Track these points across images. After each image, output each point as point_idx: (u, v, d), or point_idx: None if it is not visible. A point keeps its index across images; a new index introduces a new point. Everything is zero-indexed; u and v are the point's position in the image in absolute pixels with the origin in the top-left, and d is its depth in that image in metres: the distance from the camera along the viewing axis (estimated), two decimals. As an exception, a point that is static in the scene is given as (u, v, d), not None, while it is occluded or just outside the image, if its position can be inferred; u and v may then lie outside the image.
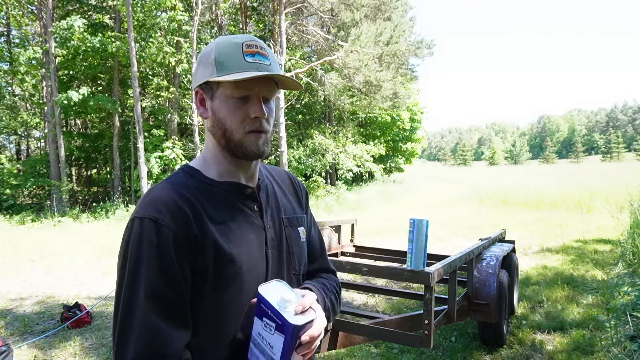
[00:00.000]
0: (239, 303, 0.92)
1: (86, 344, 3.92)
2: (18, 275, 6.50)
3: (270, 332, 0.85)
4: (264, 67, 0.92)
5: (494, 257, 3.43)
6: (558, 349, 3.59)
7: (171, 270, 0.86)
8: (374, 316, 3.44)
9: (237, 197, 0.98)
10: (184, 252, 0.87)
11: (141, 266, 0.85)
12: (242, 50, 0.91)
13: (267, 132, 0.96)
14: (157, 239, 0.85)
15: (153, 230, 0.86)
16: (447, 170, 67.71)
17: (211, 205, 0.94)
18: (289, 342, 0.83)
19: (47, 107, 15.56)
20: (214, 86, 0.94)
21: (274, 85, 0.96)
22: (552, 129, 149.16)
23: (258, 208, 1.00)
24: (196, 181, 0.97)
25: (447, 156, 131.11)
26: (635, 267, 5.63)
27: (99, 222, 13.17)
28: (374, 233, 9.37)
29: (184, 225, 0.87)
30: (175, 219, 0.87)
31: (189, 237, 0.88)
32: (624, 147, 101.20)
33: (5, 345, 3.33)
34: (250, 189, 1.00)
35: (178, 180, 0.96)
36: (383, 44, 15.16)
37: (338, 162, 19.50)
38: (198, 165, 1.01)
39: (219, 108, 0.94)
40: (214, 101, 0.95)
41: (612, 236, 8.24)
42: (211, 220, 0.92)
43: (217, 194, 0.96)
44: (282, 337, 0.83)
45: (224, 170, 0.99)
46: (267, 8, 17.47)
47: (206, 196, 0.94)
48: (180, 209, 0.89)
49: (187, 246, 0.87)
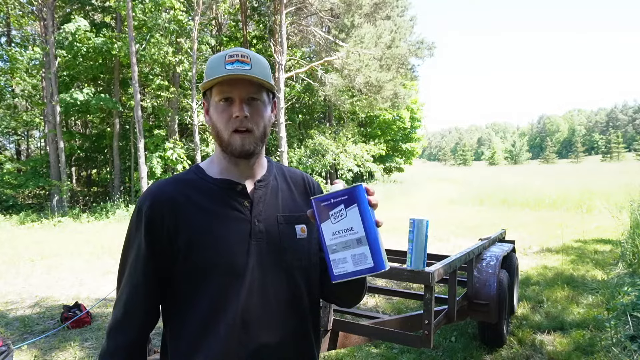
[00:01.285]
0: (212, 281, 1.02)
1: (86, 344, 3.92)
2: (18, 276, 6.51)
3: (342, 217, 0.91)
4: (241, 72, 1.02)
5: (494, 257, 3.43)
6: (558, 349, 3.59)
7: (141, 247, 1.05)
8: (374, 316, 3.44)
9: (228, 193, 1.08)
10: (155, 234, 1.03)
11: (127, 242, 1.10)
12: (224, 60, 1.03)
13: (252, 131, 1.05)
14: (137, 222, 1.06)
15: (138, 215, 1.06)
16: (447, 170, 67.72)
17: (200, 197, 1.06)
18: (365, 205, 0.90)
19: (48, 107, 15.56)
20: (209, 95, 1.09)
21: (257, 87, 1.05)
22: (552, 129, 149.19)
23: (249, 203, 1.08)
24: (195, 177, 1.10)
25: (447, 156, 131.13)
26: (635, 267, 5.63)
27: (99, 222, 13.17)
28: (374, 233, 9.36)
29: (159, 212, 1.03)
30: (154, 206, 1.04)
31: (164, 222, 1.03)
32: (624, 147, 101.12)
33: (5, 345, 3.33)
34: (241, 185, 1.09)
35: (179, 176, 1.13)
36: (384, 45, 15.17)
37: (338, 162, 19.51)
38: (205, 164, 1.15)
39: (212, 113, 1.08)
40: (210, 108, 1.09)
41: (612, 236, 8.24)
42: (196, 209, 1.05)
43: (209, 189, 1.08)
44: (356, 207, 0.90)
45: (224, 168, 1.11)
46: (267, 8, 17.47)
47: (198, 190, 1.08)
48: (163, 199, 1.05)
49: (160, 229, 1.03)
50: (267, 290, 1.05)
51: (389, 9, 16.38)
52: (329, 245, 0.92)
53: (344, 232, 0.90)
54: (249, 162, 1.10)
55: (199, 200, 1.06)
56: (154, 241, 1.04)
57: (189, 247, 1.02)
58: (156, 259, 1.05)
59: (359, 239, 0.89)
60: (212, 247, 1.02)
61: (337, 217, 0.91)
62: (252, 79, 1.03)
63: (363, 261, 0.89)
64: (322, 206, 0.92)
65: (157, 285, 1.07)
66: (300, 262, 1.11)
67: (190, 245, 1.02)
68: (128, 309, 1.06)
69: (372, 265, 0.89)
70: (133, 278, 1.06)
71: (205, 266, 1.02)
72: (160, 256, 1.04)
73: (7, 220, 13.29)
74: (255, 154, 1.08)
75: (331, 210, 0.91)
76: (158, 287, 1.07)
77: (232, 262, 1.03)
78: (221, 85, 1.04)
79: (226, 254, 1.03)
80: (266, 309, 1.04)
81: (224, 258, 1.02)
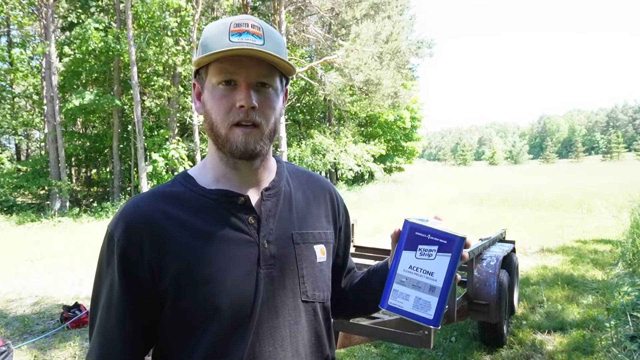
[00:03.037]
0: (209, 328, 0.79)
1: (86, 344, 3.91)
2: (18, 276, 6.50)
3: (430, 257, 0.83)
4: (251, 47, 0.76)
5: (494, 257, 3.43)
6: (558, 349, 3.59)
7: (115, 287, 0.80)
8: (374, 316, 3.44)
9: (226, 207, 0.83)
10: (131, 270, 0.79)
11: (98, 279, 0.84)
12: (228, 30, 0.78)
13: (260, 126, 0.81)
14: (108, 254, 0.81)
15: (109, 244, 0.81)
16: (447, 170, 67.71)
17: (191, 216, 0.81)
18: (455, 260, 0.82)
19: (48, 107, 15.56)
20: (202, 75, 0.83)
21: (269, 70, 0.80)
22: (552, 129, 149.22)
23: (254, 220, 0.84)
24: (183, 189, 0.85)
25: (447, 156, 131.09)
26: (635, 267, 5.63)
27: (99, 222, 13.16)
28: (374, 233, 9.36)
29: (137, 241, 0.79)
30: (129, 233, 0.79)
31: (143, 253, 0.79)
32: (624, 147, 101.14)
33: (5, 345, 3.33)
34: (242, 198, 0.84)
35: (161, 188, 0.86)
36: (383, 41, 15.17)
37: (338, 162, 19.50)
38: (195, 170, 0.89)
39: (207, 99, 0.82)
40: (204, 92, 0.84)
41: (612, 236, 8.23)
42: (186, 232, 0.80)
43: (202, 204, 0.83)
44: (448, 257, 0.82)
45: (220, 174, 0.86)
46: (267, 7, 17.47)
47: (187, 206, 0.82)
48: (140, 222, 0.80)
49: (138, 264, 0.79)
50: (279, 332, 0.83)
51: (389, 9, 16.40)
52: (399, 274, 0.84)
53: (422, 272, 0.83)
54: (252, 166, 0.86)
55: (188, 220, 0.81)
56: (130, 280, 0.79)
57: (179, 287, 0.78)
58: (135, 302, 0.80)
59: (433, 287, 0.82)
60: (210, 285, 0.78)
61: (423, 254, 0.83)
62: (265, 57, 0.78)
63: (425, 309, 0.83)
64: (415, 234, 0.84)
65: (139, 335, 0.82)
66: (322, 294, 0.91)
67: (179, 284, 0.78)
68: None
69: (431, 318, 0.82)
70: (106, 328, 0.81)
71: (201, 311, 0.79)
72: (140, 299, 0.80)
73: (7, 220, 13.29)
74: (261, 155, 0.84)
75: (422, 244, 0.83)
76: (140, 338, 0.82)
77: (237, 302, 0.80)
78: (221, 63, 0.78)
79: (228, 293, 0.79)
80: (279, 355, 0.83)
81: (226, 299, 0.79)
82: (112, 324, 0.80)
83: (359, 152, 20.23)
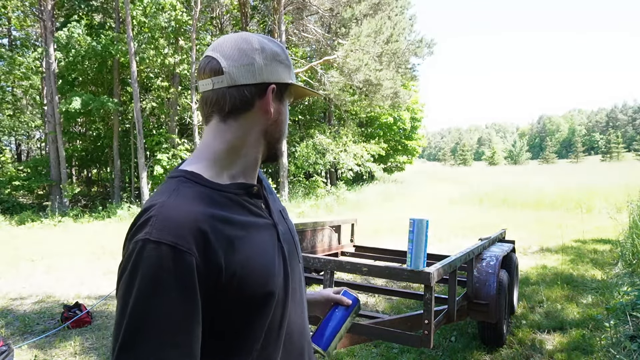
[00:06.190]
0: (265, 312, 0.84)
1: (86, 344, 3.92)
2: (18, 275, 6.51)
3: None
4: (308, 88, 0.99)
5: (494, 257, 3.43)
6: (558, 349, 3.60)
7: (192, 303, 0.74)
8: (374, 316, 3.44)
9: (245, 199, 0.88)
10: (207, 280, 0.76)
11: (156, 298, 0.72)
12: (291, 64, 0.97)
13: None
14: (176, 268, 0.73)
15: (172, 257, 0.73)
16: (447, 170, 67.71)
17: (228, 213, 0.83)
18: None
19: (48, 108, 15.57)
20: (282, 89, 0.92)
21: None
22: (552, 129, 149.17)
23: (264, 205, 0.93)
24: (204, 189, 0.84)
25: (447, 156, 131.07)
26: (634, 267, 5.64)
27: (99, 222, 13.17)
28: (374, 233, 9.37)
29: (205, 250, 0.76)
30: (198, 244, 0.75)
31: (212, 262, 0.76)
32: (623, 147, 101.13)
33: (6, 345, 3.33)
34: (255, 187, 0.91)
35: (188, 192, 0.82)
36: (383, 42, 15.17)
37: (338, 162, 19.49)
38: (201, 169, 0.88)
39: (283, 111, 0.94)
40: (282, 103, 0.94)
41: (611, 236, 8.24)
42: (233, 228, 0.82)
43: (226, 199, 0.85)
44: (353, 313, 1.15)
45: (239, 171, 0.91)
46: (267, 7, 17.47)
47: (220, 204, 0.83)
48: (201, 230, 0.76)
49: (212, 274, 0.76)
50: (298, 295, 0.96)
51: (388, 9, 16.40)
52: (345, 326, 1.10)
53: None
54: None
55: (227, 216, 0.82)
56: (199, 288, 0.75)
57: (241, 281, 0.80)
58: (200, 308, 0.76)
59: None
60: (265, 271, 0.83)
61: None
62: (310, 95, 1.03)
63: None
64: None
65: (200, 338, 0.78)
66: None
67: (242, 277, 0.80)
68: None
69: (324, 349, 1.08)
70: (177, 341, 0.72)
71: (262, 298, 0.82)
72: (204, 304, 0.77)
73: (7, 220, 13.30)
74: None
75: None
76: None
77: (282, 281, 0.87)
78: (297, 90, 0.96)
79: (277, 275, 0.86)
80: (299, 316, 0.95)
81: (277, 281, 0.86)
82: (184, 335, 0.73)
83: (359, 151, 20.22)
